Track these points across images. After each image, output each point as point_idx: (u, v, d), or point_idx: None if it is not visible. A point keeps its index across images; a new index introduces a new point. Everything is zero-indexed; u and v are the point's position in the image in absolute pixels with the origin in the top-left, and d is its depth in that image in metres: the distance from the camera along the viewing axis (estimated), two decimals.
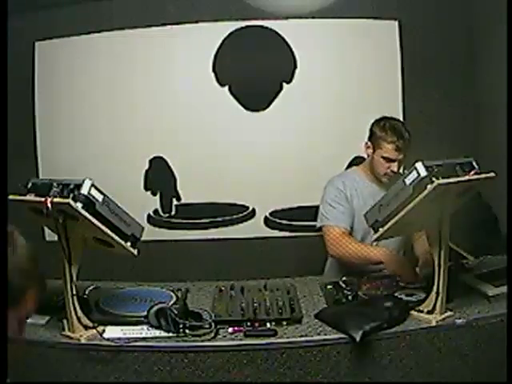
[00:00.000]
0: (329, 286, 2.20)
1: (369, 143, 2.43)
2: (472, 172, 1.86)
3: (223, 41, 3.23)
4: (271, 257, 3.15)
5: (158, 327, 1.80)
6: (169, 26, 3.20)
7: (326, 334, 1.82)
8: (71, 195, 1.70)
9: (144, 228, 1.99)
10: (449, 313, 1.90)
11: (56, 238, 1.75)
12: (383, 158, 2.35)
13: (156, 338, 1.78)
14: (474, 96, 3.26)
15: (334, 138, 3.25)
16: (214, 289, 2.17)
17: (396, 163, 2.35)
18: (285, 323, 1.87)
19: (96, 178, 1.89)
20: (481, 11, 3.17)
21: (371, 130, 2.43)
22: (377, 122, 2.43)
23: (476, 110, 3.26)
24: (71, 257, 1.75)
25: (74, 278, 1.77)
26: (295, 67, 3.26)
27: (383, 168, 2.37)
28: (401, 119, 3.24)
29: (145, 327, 1.82)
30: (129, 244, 1.86)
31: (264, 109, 3.28)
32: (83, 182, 1.76)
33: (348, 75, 3.28)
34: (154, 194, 3.30)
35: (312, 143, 3.24)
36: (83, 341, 1.75)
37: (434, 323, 1.85)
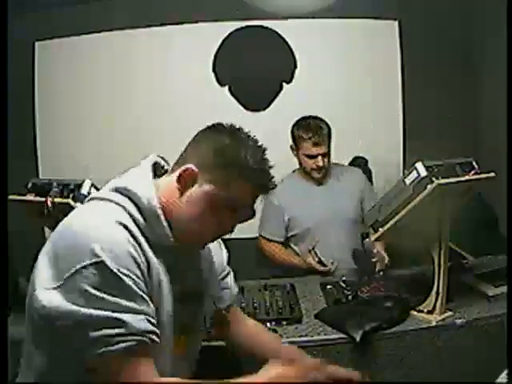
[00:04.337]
0: (329, 286, 2.20)
1: (293, 145, 2.55)
2: (472, 172, 1.87)
3: (223, 41, 3.23)
4: None
5: None
6: (169, 26, 3.20)
7: (326, 334, 1.82)
8: (71, 195, 1.71)
9: None
10: (449, 313, 1.90)
11: None
12: (305, 155, 2.48)
13: None
14: (474, 96, 3.26)
15: (333, 137, 3.24)
16: None
17: (319, 158, 2.47)
18: (285, 323, 1.87)
19: (96, 177, 1.90)
20: (481, 11, 3.17)
21: (291, 132, 2.55)
22: (294, 123, 2.56)
23: (476, 110, 3.26)
24: None
25: None
26: (295, 67, 3.26)
27: (309, 165, 2.49)
28: (400, 120, 3.25)
29: None
30: None
31: (264, 109, 3.28)
32: (83, 182, 1.76)
33: (348, 75, 3.28)
34: None
35: None
36: None
37: (434, 323, 1.85)
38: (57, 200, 1.69)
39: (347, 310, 1.96)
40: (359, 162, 3.16)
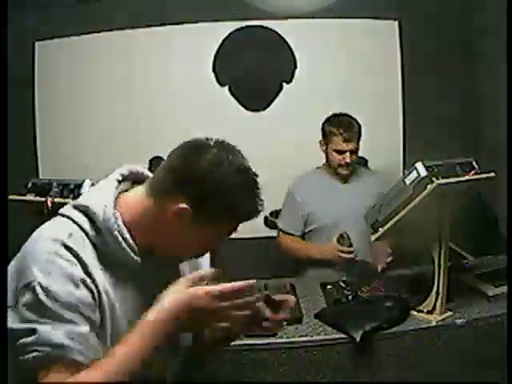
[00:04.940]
0: (329, 286, 2.20)
1: (322, 141, 2.62)
2: (472, 172, 1.87)
3: (223, 41, 3.23)
4: (271, 257, 3.15)
5: None
6: (169, 26, 3.19)
7: (326, 334, 1.82)
8: (71, 195, 1.71)
9: None
10: (449, 313, 1.90)
11: None
12: (335, 151, 2.53)
13: None
14: (474, 95, 3.26)
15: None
16: None
17: (348, 154, 2.52)
18: (285, 323, 1.87)
19: (96, 178, 1.90)
20: (481, 11, 3.17)
21: (322, 128, 2.62)
22: (326, 119, 2.62)
23: (476, 110, 3.26)
24: None
25: None
26: (295, 67, 3.26)
27: (337, 160, 2.55)
28: (400, 119, 3.25)
29: None
30: None
31: (264, 109, 3.28)
32: (83, 182, 1.76)
33: (348, 75, 3.28)
34: None
35: (312, 143, 3.23)
36: None
37: (434, 323, 1.85)
38: (57, 200, 1.69)
39: (347, 309, 1.96)
40: (359, 162, 3.16)
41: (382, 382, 1.82)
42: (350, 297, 2.06)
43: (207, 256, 1.34)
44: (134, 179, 1.18)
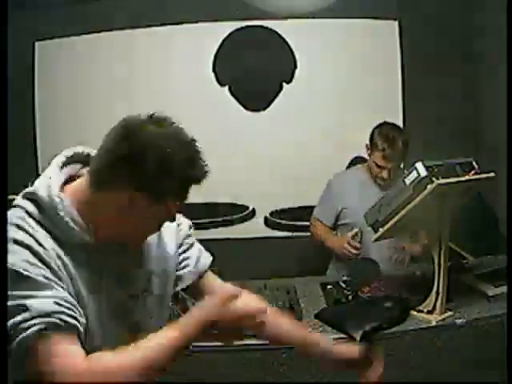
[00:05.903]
0: (329, 286, 2.20)
1: (368, 145, 2.55)
2: (472, 172, 1.87)
3: (223, 41, 3.23)
4: (271, 257, 3.15)
5: None
6: (169, 26, 3.19)
7: (326, 334, 1.82)
8: None
9: None
10: (449, 313, 1.90)
11: None
12: (375, 163, 2.49)
13: None
14: (474, 96, 3.26)
15: (334, 137, 3.24)
16: None
17: (386, 170, 2.46)
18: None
19: None
20: (481, 11, 3.17)
21: (371, 132, 2.53)
22: (376, 126, 2.54)
23: (476, 110, 3.26)
24: None
25: None
26: (295, 67, 3.26)
27: (375, 172, 2.51)
28: (400, 119, 3.25)
29: None
30: None
31: (264, 109, 3.28)
32: None
33: (348, 75, 3.28)
34: None
35: (312, 143, 3.24)
36: None
37: (434, 323, 1.85)
38: None
39: (347, 309, 1.96)
40: (359, 162, 3.16)
41: (382, 382, 1.82)
42: (350, 297, 2.07)
43: (183, 229, 1.39)
44: (83, 161, 1.20)
